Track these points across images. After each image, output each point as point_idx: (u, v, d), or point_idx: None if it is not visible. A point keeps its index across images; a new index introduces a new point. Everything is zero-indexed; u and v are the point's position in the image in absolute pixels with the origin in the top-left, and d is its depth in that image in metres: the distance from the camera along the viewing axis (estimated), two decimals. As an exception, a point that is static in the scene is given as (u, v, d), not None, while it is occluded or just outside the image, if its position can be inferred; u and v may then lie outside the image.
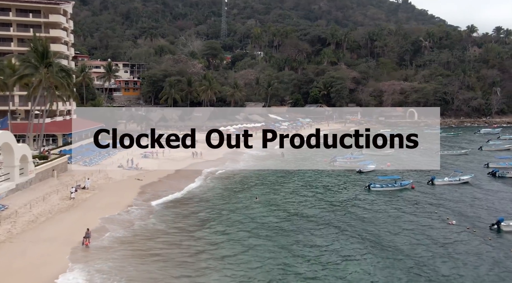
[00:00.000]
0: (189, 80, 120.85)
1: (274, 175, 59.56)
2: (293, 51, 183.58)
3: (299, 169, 63.16)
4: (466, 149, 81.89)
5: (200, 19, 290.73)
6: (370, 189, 49.06)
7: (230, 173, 60.40)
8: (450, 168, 63.84)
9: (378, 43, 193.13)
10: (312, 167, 65.56)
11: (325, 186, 53.11)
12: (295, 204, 44.55)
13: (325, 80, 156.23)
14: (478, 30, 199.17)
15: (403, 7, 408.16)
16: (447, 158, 75.39)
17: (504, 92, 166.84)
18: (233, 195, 48.05)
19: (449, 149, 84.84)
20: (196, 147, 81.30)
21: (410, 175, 59.59)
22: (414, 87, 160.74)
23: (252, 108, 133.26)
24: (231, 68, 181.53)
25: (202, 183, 53.53)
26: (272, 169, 63.64)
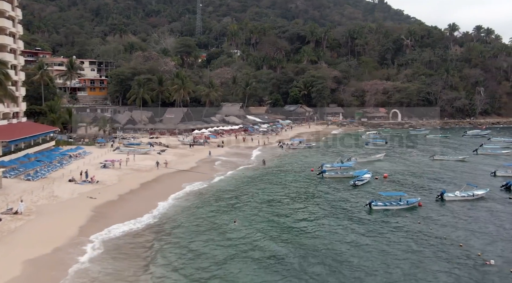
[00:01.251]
0: (160, 78, 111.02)
1: (255, 189, 50.63)
2: (271, 49, 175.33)
3: (283, 183, 54.22)
4: (464, 155, 74.80)
5: (174, 16, 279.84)
6: (371, 208, 40.76)
7: (203, 188, 51.14)
8: (455, 178, 56.41)
9: (359, 42, 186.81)
10: (298, 179, 56.78)
11: (316, 203, 44.42)
12: (280, 231, 35.89)
13: (306, 80, 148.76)
14: (459, 28, 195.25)
15: (379, 6, 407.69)
16: (444, 164, 68.12)
17: (488, 92, 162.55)
18: (206, 218, 39.01)
19: (445, 153, 77.78)
20: (166, 153, 72.89)
21: (413, 186, 51.70)
22: (397, 87, 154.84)
23: (229, 109, 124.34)
24: (207, 66, 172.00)
25: (169, 203, 43.96)
26: (252, 182, 54.70)
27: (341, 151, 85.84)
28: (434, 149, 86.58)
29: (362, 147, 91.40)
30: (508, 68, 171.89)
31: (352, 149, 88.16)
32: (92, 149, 74.74)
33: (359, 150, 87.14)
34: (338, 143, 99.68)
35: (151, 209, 41.12)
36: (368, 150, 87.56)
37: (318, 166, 63.27)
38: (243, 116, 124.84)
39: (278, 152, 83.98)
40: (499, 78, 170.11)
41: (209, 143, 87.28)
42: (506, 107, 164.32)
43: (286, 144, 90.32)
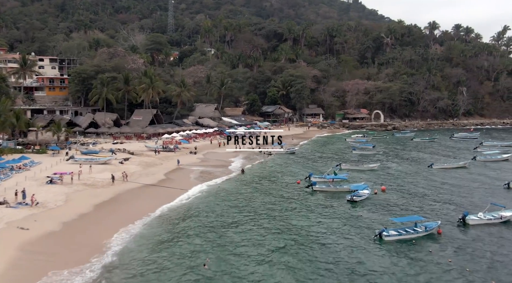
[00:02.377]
0: (126, 77, 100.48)
1: (232, 211, 41.52)
2: (247, 47, 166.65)
3: (266, 200, 45.15)
4: (464, 160, 67.53)
5: (145, 13, 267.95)
6: (382, 239, 32.35)
7: (171, 210, 41.62)
8: (466, 192, 48.68)
9: (338, 40, 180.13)
10: (283, 194, 47.81)
11: (307, 232, 34.61)
12: (263, 274, 27.07)
13: (284, 79, 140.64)
14: (440, 27, 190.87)
15: (354, 6, 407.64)
16: (445, 173, 60.60)
17: (470, 93, 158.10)
18: (170, 259, 29.50)
19: (443, 160, 70.39)
20: (130, 162, 63.15)
21: (420, 203, 43.66)
22: (379, 87, 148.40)
23: (203, 111, 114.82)
24: (179, 65, 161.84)
25: (128, 235, 33.87)
26: (230, 200, 45.58)
27: (327, 157, 77.70)
28: (425, 155, 79.55)
29: (350, 152, 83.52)
30: (490, 67, 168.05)
31: (339, 155, 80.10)
32: (43, 157, 64.35)
33: (347, 156, 79.25)
34: (322, 148, 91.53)
35: (102, 247, 31.36)
36: (356, 156, 79.85)
37: (306, 176, 54.71)
38: (218, 118, 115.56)
39: (258, 158, 75.21)
40: (480, 78, 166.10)
41: (180, 149, 77.65)
42: (488, 108, 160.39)
43: (266, 150, 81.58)
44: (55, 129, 71.88)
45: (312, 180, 52.37)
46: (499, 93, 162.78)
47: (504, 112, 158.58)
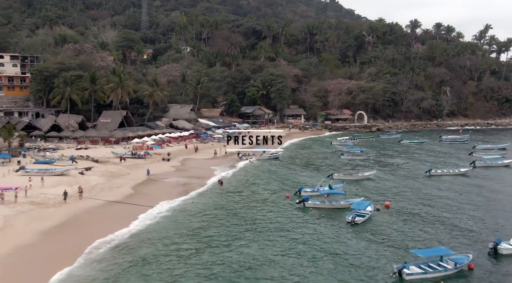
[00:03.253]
0: (93, 75, 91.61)
1: (208, 235, 33.89)
2: (225, 44, 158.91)
3: (248, 221, 37.70)
4: (464, 167, 61.53)
5: (117, 10, 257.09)
6: (402, 277, 25.47)
7: (134, 237, 33.72)
8: (483, 208, 42.40)
9: (319, 38, 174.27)
10: (269, 214, 39.99)
11: (303, 271, 27.71)
12: None
13: (264, 78, 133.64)
14: (421, 25, 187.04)
15: (331, 6, 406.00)
16: (448, 182, 54.48)
17: (453, 93, 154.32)
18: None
19: (440, 166, 64.30)
20: (92, 172, 54.98)
21: (440, 226, 36.93)
22: (362, 87, 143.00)
23: (178, 112, 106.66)
24: (152, 63, 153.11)
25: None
26: (205, 220, 38.13)
27: (315, 164, 70.87)
28: (418, 160, 73.72)
29: (338, 157, 76.95)
30: (472, 67, 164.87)
31: (327, 161, 73.38)
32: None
33: (336, 162, 72.64)
34: (307, 152, 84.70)
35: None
36: (345, 161, 73.36)
37: (296, 191, 47.62)
38: (195, 120, 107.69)
39: (238, 165, 67.84)
40: (464, 78, 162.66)
41: (151, 156, 69.58)
42: (472, 108, 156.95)
43: (248, 155, 74.27)
44: (6, 134, 62.78)
45: (304, 194, 45.41)
46: (482, 93, 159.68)
47: (487, 113, 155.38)
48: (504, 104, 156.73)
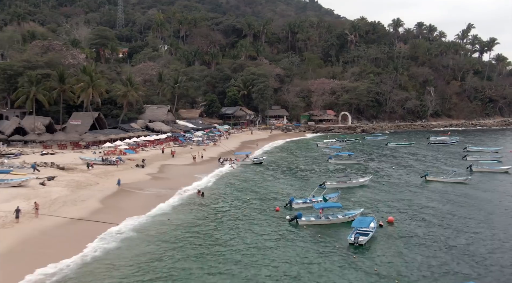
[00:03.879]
0: (61, 74, 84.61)
1: (173, 266, 28.37)
2: (204, 42, 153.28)
3: (227, 248, 31.82)
4: (463, 175, 56.93)
5: (92, 7, 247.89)
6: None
7: (83, 268, 27.85)
8: (498, 222, 38.01)
9: (300, 36, 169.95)
10: (255, 237, 34.20)
11: None
12: None
13: (245, 78, 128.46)
14: (404, 24, 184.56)
15: (310, 5, 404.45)
16: (445, 192, 50.06)
17: (437, 93, 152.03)
18: None
19: (435, 172, 59.96)
20: (56, 182, 48.83)
21: (461, 248, 32.12)
22: (345, 87, 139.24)
23: (154, 113, 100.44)
24: (127, 61, 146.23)
25: None
26: (180, 241, 32.60)
27: (303, 169, 65.98)
28: (410, 164, 69.61)
29: (325, 161, 72.27)
30: (455, 66, 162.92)
31: (316, 166, 68.58)
32: None
33: (324, 166, 67.96)
34: (293, 156, 79.72)
35: None
36: (334, 166, 68.76)
37: (286, 203, 42.53)
38: (172, 121, 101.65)
39: (219, 172, 62.43)
40: (447, 78, 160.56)
41: (124, 162, 63.51)
42: (456, 109, 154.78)
43: (230, 160, 68.89)
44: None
45: (296, 208, 40.59)
46: (466, 93, 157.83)
47: (471, 113, 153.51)
48: (487, 105, 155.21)
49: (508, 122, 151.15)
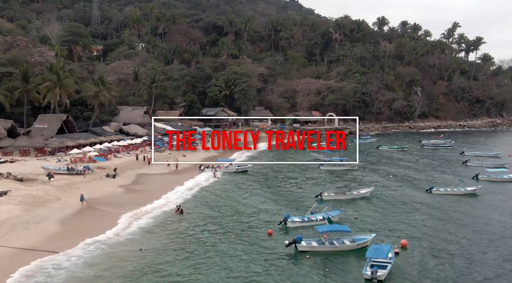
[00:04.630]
0: (25, 73, 76.58)
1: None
2: (183, 40, 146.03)
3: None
4: (473, 186, 51.16)
5: (66, 3, 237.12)
6: None
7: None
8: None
9: (284, 35, 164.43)
10: (244, 274, 27.73)
11: None
12: None
13: (227, 77, 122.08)
14: (389, 22, 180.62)
15: (291, 5, 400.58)
16: (453, 206, 44.41)
17: (424, 93, 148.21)
18: None
19: (441, 183, 54.26)
20: (8, 199, 41.70)
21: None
22: (331, 87, 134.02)
23: (129, 115, 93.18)
24: (101, 59, 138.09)
25: None
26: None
27: (293, 177, 59.87)
28: (408, 172, 64.17)
29: (317, 168, 66.33)
30: (441, 66, 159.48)
31: (307, 173, 62.53)
32: None
33: (315, 174, 62.02)
34: (280, 162, 73.50)
35: None
36: (325, 173, 62.91)
37: (280, 221, 36.30)
38: (149, 124, 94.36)
39: (201, 181, 55.86)
40: (433, 78, 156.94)
41: (93, 171, 56.29)
42: (443, 109, 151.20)
43: (212, 168, 62.36)
44: None
45: (291, 225, 34.34)
46: (452, 93, 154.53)
47: (459, 114, 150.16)
48: (475, 105, 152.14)
49: (496, 123, 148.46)
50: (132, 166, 62.80)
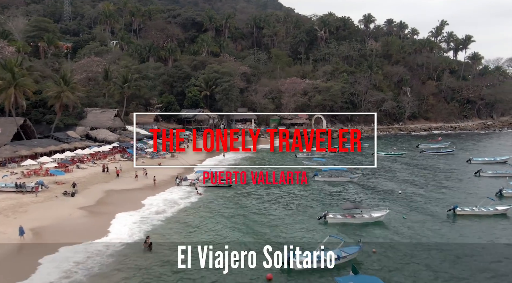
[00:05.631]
0: (-26, 70, 66.69)
1: None
2: (159, 36, 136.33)
3: None
4: (504, 204, 43.43)
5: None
6: None
7: None
8: None
9: (267, 32, 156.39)
10: None
11: None
12: None
13: (207, 76, 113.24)
14: (376, 20, 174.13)
15: (271, 3, 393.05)
16: (491, 232, 36.85)
17: (413, 93, 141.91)
18: None
19: (461, 199, 46.52)
20: None
21: None
22: (318, 87, 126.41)
23: (98, 118, 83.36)
24: (67, 57, 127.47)
25: None
26: None
27: (286, 192, 51.47)
28: (416, 188, 56.64)
29: (311, 178, 58.08)
30: (430, 65, 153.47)
31: (299, 188, 54.07)
32: None
33: (308, 186, 53.80)
34: (269, 171, 64.76)
35: None
36: (322, 185, 54.86)
37: (283, 261, 27.75)
38: (121, 128, 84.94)
39: (176, 199, 46.94)
40: (422, 77, 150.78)
41: (48, 187, 46.78)
42: (433, 110, 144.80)
43: (191, 181, 53.51)
44: None
45: (297, 270, 25.91)
46: (442, 94, 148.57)
47: (449, 115, 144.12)
48: (465, 106, 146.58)
49: (487, 125, 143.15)
50: (97, 180, 53.40)
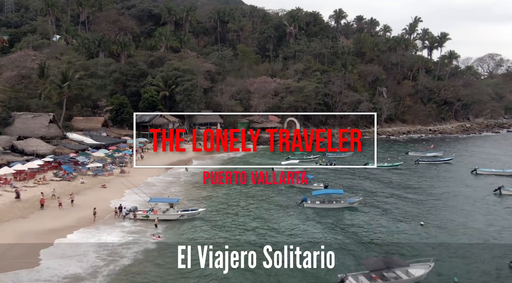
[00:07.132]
0: None
1: None
2: (111, 29, 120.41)
3: None
4: None
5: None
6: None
7: None
8: None
9: (232, 26, 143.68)
10: None
11: None
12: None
13: (166, 74, 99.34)
14: (347, 16, 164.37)
15: (232, 1, 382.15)
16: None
17: (389, 94, 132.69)
18: None
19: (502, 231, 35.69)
20: None
21: None
22: (290, 87, 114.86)
23: (28, 125, 67.47)
24: (7, 52, 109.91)
25: None
26: None
27: (268, 225, 38.61)
28: (424, 212, 45.29)
29: (299, 205, 45.49)
30: (405, 64, 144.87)
31: (291, 216, 41.43)
32: None
33: (297, 218, 41.31)
34: (244, 196, 51.70)
35: None
36: (314, 216, 42.42)
37: None
38: (60, 137, 69.48)
39: (121, 251, 33.07)
40: (398, 77, 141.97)
41: None
42: (410, 112, 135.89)
43: (143, 212, 39.87)
44: None
45: None
46: (419, 94, 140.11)
47: (427, 117, 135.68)
48: (443, 107, 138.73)
49: (466, 128, 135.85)
50: (9, 215, 38.57)
